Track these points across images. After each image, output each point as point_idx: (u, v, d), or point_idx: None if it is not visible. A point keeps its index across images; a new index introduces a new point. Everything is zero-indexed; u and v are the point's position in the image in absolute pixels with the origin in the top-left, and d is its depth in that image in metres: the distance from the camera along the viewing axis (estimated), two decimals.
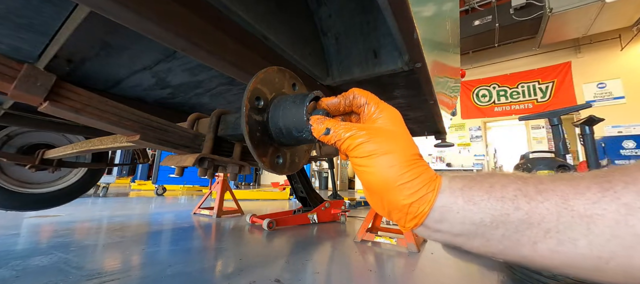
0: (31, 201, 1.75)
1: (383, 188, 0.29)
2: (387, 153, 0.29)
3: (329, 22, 0.93)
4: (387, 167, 0.29)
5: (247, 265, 1.49)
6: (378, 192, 0.30)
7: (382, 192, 0.29)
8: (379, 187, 0.29)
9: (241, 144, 0.76)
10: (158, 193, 5.86)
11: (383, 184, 0.29)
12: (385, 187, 0.29)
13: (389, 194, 0.29)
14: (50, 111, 0.47)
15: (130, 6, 0.46)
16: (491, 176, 0.27)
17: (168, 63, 0.93)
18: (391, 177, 0.28)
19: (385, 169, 0.29)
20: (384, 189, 0.29)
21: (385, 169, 0.29)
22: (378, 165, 0.29)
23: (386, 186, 0.29)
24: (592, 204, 0.20)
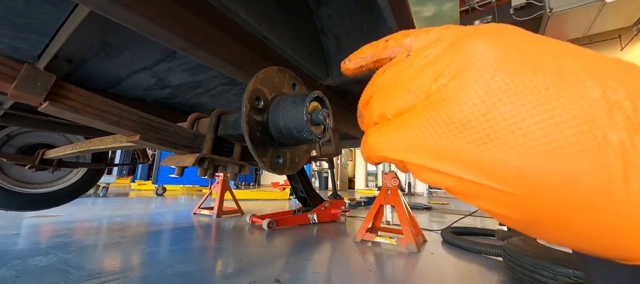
0: (31, 201, 1.75)
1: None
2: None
3: (329, 22, 0.93)
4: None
5: (247, 265, 1.49)
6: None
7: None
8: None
9: (241, 144, 0.76)
10: (158, 193, 5.86)
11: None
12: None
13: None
14: (50, 111, 0.47)
15: (130, 6, 0.46)
16: None
17: (168, 63, 0.93)
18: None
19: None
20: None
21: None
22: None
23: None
24: None
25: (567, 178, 0.13)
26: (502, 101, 0.14)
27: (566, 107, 0.13)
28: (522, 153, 0.13)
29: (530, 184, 0.13)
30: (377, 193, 3.15)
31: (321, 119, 0.37)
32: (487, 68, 0.15)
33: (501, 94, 0.14)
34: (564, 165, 0.13)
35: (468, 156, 0.15)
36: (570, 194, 0.13)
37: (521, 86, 0.14)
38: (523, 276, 1.30)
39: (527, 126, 0.14)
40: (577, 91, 0.13)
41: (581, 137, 0.13)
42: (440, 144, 0.15)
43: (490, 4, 7.01)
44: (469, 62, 0.16)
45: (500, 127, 0.14)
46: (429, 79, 0.17)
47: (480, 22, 6.71)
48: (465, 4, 7.61)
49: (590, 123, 0.13)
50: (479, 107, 0.15)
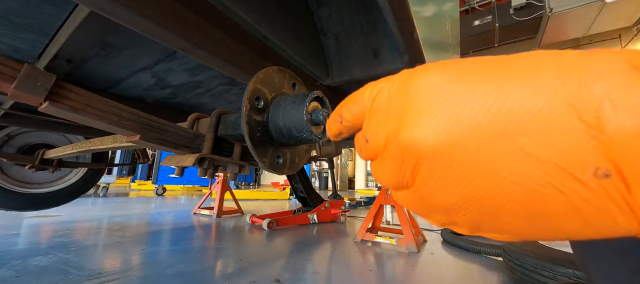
0: (31, 201, 1.75)
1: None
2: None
3: (329, 22, 0.93)
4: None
5: (247, 265, 1.49)
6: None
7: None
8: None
9: (241, 144, 0.76)
10: (158, 193, 5.86)
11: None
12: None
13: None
14: (50, 111, 0.47)
15: (130, 6, 0.46)
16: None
17: (168, 63, 0.93)
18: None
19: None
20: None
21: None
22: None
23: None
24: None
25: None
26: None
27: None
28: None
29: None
30: (377, 193, 3.15)
31: (321, 119, 0.37)
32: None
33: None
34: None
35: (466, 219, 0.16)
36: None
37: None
38: (523, 276, 1.30)
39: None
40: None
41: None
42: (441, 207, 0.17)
43: (490, 4, 7.01)
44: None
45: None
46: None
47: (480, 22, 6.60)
48: (465, 4, 7.61)
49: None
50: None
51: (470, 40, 7.43)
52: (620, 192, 0.12)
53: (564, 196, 0.12)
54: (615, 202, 0.12)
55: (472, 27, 7.08)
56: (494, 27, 6.76)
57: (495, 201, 0.14)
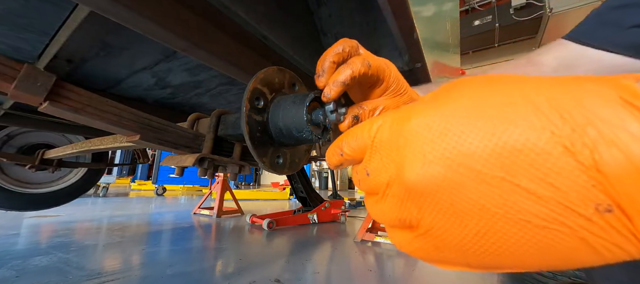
0: (31, 201, 1.75)
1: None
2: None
3: (329, 22, 0.93)
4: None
5: (247, 265, 1.49)
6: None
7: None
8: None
9: (241, 144, 0.76)
10: (158, 193, 5.86)
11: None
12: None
13: None
14: (50, 111, 0.47)
15: (130, 6, 0.46)
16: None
17: (168, 63, 0.93)
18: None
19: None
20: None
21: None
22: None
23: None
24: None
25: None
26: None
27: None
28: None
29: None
30: None
31: (321, 119, 0.37)
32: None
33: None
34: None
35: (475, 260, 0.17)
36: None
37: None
38: (523, 275, 1.30)
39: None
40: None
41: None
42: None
43: (490, 4, 7.00)
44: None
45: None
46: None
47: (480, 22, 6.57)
48: (465, 4, 7.60)
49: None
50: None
51: (470, 40, 7.43)
52: (624, 225, 0.12)
53: (572, 231, 0.13)
54: (621, 234, 0.12)
55: (472, 27, 7.07)
56: (494, 27, 6.76)
57: (506, 238, 0.14)
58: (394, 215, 0.18)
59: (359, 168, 0.21)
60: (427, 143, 0.16)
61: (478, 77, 0.19)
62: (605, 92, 0.13)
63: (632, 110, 0.12)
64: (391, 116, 0.19)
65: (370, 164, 0.20)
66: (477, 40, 7.48)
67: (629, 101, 0.12)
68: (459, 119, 0.16)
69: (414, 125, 0.17)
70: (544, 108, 0.14)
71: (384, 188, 0.19)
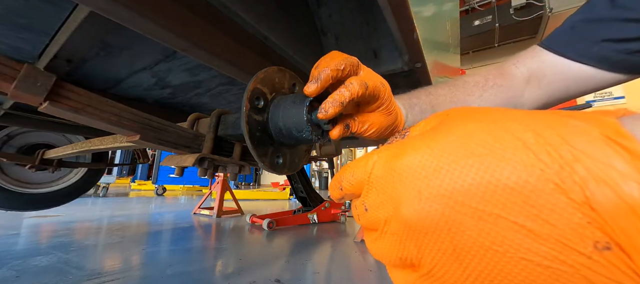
0: (31, 201, 1.75)
1: None
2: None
3: (329, 22, 0.93)
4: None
5: (247, 265, 1.49)
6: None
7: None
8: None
9: (241, 144, 0.76)
10: (158, 193, 5.86)
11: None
12: None
13: None
14: (50, 111, 0.47)
15: (130, 6, 0.46)
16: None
17: (168, 63, 0.93)
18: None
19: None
20: None
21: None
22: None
23: None
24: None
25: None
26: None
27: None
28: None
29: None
30: None
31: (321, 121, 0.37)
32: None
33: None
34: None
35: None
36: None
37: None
38: None
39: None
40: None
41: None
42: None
43: (490, 4, 7.00)
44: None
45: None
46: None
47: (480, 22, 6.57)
48: (465, 4, 7.60)
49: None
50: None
51: (470, 40, 7.43)
52: (624, 262, 0.12)
53: (574, 270, 0.13)
54: (622, 272, 0.12)
55: (472, 27, 7.07)
56: (494, 27, 6.76)
57: (510, 278, 0.14)
58: (393, 254, 0.18)
59: (358, 203, 0.21)
60: (422, 180, 0.16)
61: (464, 110, 0.19)
62: (588, 130, 0.13)
63: (616, 148, 0.12)
64: (385, 153, 0.20)
65: (368, 200, 0.20)
66: (477, 40, 7.48)
67: (613, 139, 0.13)
68: (450, 157, 0.16)
69: (406, 162, 0.17)
70: (531, 144, 0.14)
71: (383, 225, 0.19)
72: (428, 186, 0.16)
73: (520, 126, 0.15)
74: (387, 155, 0.19)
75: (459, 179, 0.15)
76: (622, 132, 0.13)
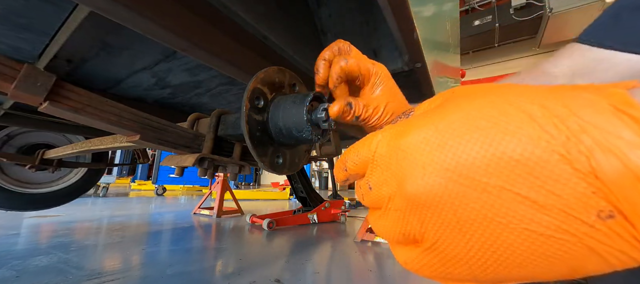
0: (31, 201, 1.75)
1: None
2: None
3: (329, 22, 0.93)
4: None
5: (247, 265, 1.49)
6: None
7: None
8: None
9: (241, 144, 0.75)
10: (158, 193, 5.86)
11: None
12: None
13: None
14: (50, 111, 0.47)
15: (130, 6, 0.46)
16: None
17: (168, 63, 0.93)
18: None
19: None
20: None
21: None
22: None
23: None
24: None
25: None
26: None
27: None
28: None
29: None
30: None
31: (321, 119, 0.37)
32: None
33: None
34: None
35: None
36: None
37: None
38: None
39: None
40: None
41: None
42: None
43: (490, 4, 7.00)
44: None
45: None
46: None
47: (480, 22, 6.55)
48: (465, 4, 7.60)
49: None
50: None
51: (470, 40, 7.42)
52: (628, 231, 0.12)
53: (577, 239, 0.13)
54: (625, 240, 0.12)
55: (472, 27, 7.07)
56: (494, 27, 6.76)
57: (513, 249, 0.14)
58: (397, 229, 0.18)
59: (362, 183, 0.21)
60: (425, 155, 0.16)
61: (469, 88, 0.19)
62: (596, 101, 0.13)
63: (623, 117, 0.12)
64: (389, 131, 0.20)
65: (372, 178, 0.20)
66: (477, 40, 7.48)
67: (621, 109, 0.12)
68: (454, 132, 0.16)
69: (411, 139, 0.17)
70: (537, 117, 0.14)
71: (386, 202, 0.19)
72: (432, 161, 0.16)
73: (526, 99, 0.15)
74: (392, 133, 0.19)
75: (464, 153, 0.15)
76: (631, 103, 0.13)
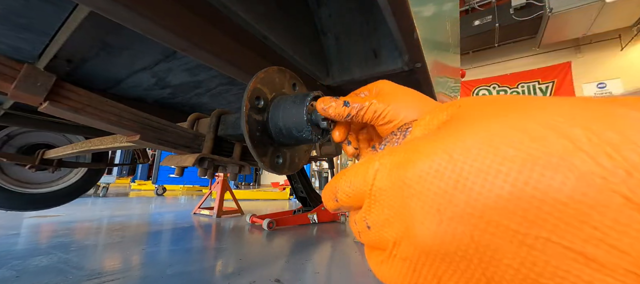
0: (31, 201, 1.75)
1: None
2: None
3: (329, 22, 0.93)
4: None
5: (247, 265, 1.49)
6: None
7: None
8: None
9: (241, 144, 0.76)
10: (158, 193, 5.86)
11: None
12: None
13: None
14: (50, 111, 0.47)
15: (130, 6, 0.46)
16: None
17: (168, 63, 0.93)
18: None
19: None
20: None
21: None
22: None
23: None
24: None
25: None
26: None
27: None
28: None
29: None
30: None
31: (320, 119, 0.37)
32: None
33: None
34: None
35: None
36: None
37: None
38: None
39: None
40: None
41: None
42: None
43: (490, 4, 7.01)
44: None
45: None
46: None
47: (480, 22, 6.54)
48: (465, 4, 7.61)
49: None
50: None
51: (470, 40, 7.43)
52: None
53: None
54: None
55: (472, 27, 7.08)
56: (494, 27, 6.77)
57: None
58: (405, 282, 0.15)
59: (358, 218, 0.18)
60: (440, 194, 0.13)
61: (479, 101, 0.15)
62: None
63: None
64: (389, 158, 0.16)
65: (370, 217, 0.17)
66: (477, 40, 7.49)
67: None
68: (475, 163, 0.12)
69: (418, 171, 0.14)
70: (583, 144, 0.11)
71: (391, 247, 0.16)
72: (450, 203, 0.12)
73: (563, 119, 0.12)
74: (392, 162, 0.16)
75: (491, 192, 0.12)
76: None
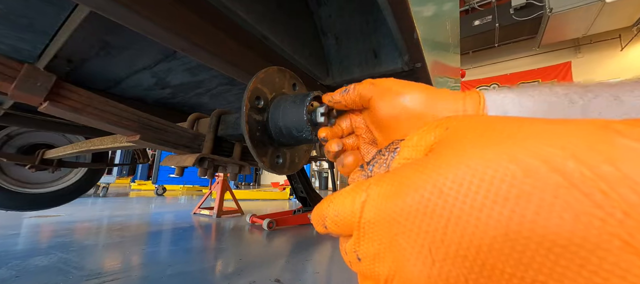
0: (31, 201, 1.75)
1: None
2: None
3: (329, 22, 0.93)
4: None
5: (247, 265, 1.49)
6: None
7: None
8: None
9: (241, 144, 0.76)
10: (158, 193, 5.86)
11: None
12: None
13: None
14: (50, 111, 0.47)
15: (130, 6, 0.46)
16: (534, 88, 0.26)
17: (168, 63, 0.93)
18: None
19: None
20: None
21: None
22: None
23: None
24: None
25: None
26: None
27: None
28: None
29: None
30: None
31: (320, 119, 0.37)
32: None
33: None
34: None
35: None
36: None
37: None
38: None
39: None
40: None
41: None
42: None
43: (491, 4, 7.01)
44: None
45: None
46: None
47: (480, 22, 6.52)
48: (465, 4, 7.60)
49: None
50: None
51: (470, 40, 7.43)
52: None
53: None
54: None
55: (472, 27, 7.08)
56: (494, 27, 6.77)
57: None
58: None
59: (348, 248, 0.17)
60: (431, 233, 0.12)
61: (470, 123, 0.15)
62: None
63: None
64: (376, 189, 0.16)
65: (360, 249, 0.16)
66: (477, 40, 7.49)
67: None
68: (467, 199, 0.12)
69: (406, 205, 0.14)
70: (576, 179, 0.10)
71: (382, 282, 0.15)
72: (443, 243, 0.12)
73: (556, 149, 0.11)
74: (379, 193, 0.15)
75: (485, 234, 0.11)
76: None
